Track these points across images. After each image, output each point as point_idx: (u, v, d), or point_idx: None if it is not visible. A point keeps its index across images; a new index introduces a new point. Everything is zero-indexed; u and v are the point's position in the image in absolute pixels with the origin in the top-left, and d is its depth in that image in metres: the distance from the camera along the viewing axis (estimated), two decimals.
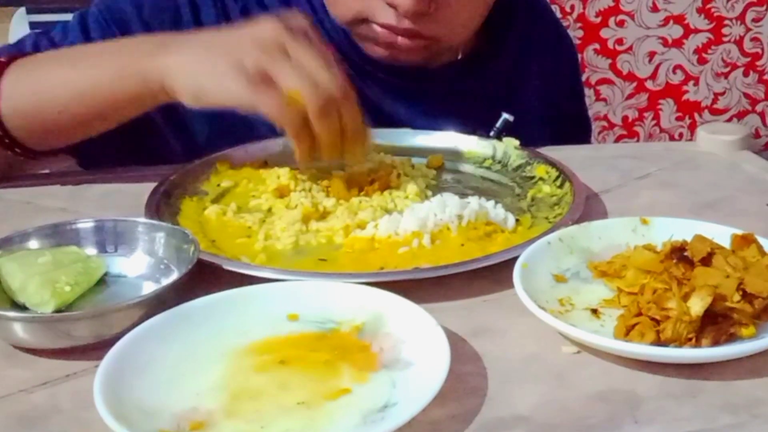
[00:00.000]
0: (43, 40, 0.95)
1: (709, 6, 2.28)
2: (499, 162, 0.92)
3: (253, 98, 0.74)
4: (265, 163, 0.89)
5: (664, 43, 2.30)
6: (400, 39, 0.91)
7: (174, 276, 0.67)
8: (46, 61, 0.86)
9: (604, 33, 2.26)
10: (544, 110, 1.11)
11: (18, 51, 0.93)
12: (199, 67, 0.77)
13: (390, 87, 1.00)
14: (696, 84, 2.36)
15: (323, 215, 0.79)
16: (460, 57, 1.04)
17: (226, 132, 0.90)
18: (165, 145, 0.97)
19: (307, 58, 0.75)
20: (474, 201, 0.78)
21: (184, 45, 0.79)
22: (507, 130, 0.95)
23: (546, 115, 1.11)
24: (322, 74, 0.75)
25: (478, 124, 0.96)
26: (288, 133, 0.77)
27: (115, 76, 0.81)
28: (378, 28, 0.91)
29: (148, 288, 0.68)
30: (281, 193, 0.83)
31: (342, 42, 0.98)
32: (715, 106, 2.39)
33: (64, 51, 0.90)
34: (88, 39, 0.94)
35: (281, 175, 0.85)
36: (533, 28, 1.11)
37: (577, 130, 1.20)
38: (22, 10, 2.02)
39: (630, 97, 2.34)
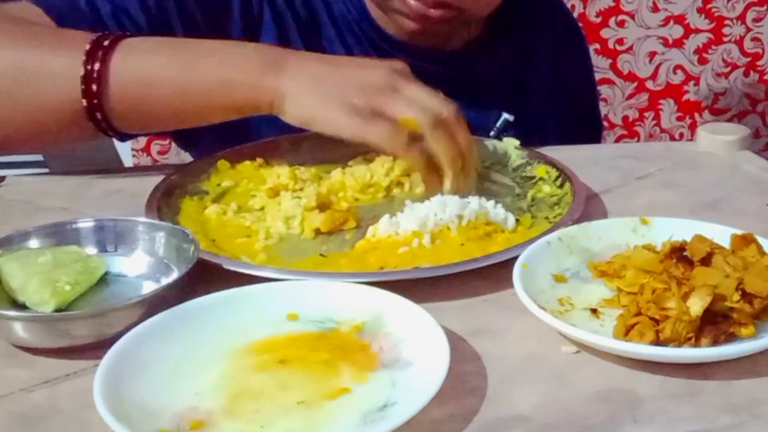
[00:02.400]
0: None
1: (709, 6, 2.27)
2: (499, 162, 0.92)
3: (363, 130, 0.79)
4: (266, 163, 0.89)
5: (665, 43, 2.30)
6: (432, 11, 0.92)
7: (174, 275, 0.67)
8: (154, 53, 0.85)
9: (604, 33, 2.25)
10: (553, 101, 1.11)
11: (72, 3, 0.91)
12: (312, 101, 0.81)
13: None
14: (696, 84, 2.36)
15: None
16: (471, 39, 1.05)
17: (227, 132, 0.90)
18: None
19: (418, 92, 0.80)
20: (474, 201, 0.78)
21: (297, 73, 0.82)
22: (507, 130, 0.95)
23: (555, 106, 1.11)
24: (434, 102, 0.79)
25: (491, 109, 0.97)
26: (398, 154, 0.81)
27: (223, 85, 0.83)
28: (411, 2, 0.92)
29: (149, 287, 0.68)
30: (275, 192, 0.83)
31: (362, 21, 0.99)
32: (715, 106, 2.39)
33: (169, 44, 0.88)
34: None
35: (281, 174, 0.85)
36: (538, 17, 1.11)
37: (587, 126, 1.20)
38: None
39: (630, 97, 2.34)
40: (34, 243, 0.71)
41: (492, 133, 0.95)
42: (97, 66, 0.82)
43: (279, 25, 0.99)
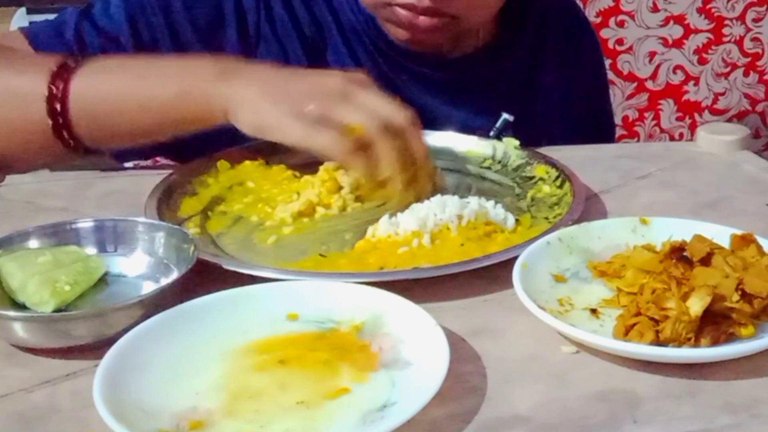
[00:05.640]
0: (85, 23, 0.95)
1: (709, 6, 2.27)
2: (499, 162, 0.92)
3: (307, 136, 0.77)
4: (266, 163, 0.89)
5: (665, 43, 2.30)
6: (420, 18, 0.92)
7: (174, 275, 0.67)
8: (114, 69, 0.88)
9: (604, 33, 2.25)
10: (563, 101, 1.11)
11: (59, 34, 0.94)
12: (263, 106, 0.80)
13: (415, 75, 1.01)
14: (696, 84, 2.35)
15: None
16: (480, 45, 1.05)
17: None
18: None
19: (370, 99, 0.79)
20: (474, 201, 0.78)
21: (249, 78, 0.83)
22: (507, 130, 0.96)
23: (566, 106, 1.11)
24: (385, 108, 0.78)
25: (497, 111, 0.97)
26: (341, 161, 0.79)
27: (179, 95, 0.84)
28: (400, 11, 0.92)
29: (148, 288, 0.68)
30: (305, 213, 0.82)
31: (370, 30, 0.99)
32: (715, 106, 2.39)
33: (132, 61, 0.91)
34: (132, 24, 0.95)
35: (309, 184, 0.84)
36: (549, 15, 1.11)
37: (599, 127, 1.19)
38: (23, 10, 2.02)
39: (630, 97, 2.34)
40: (34, 243, 0.71)
41: (492, 133, 0.95)
42: (60, 85, 0.84)
43: (280, 42, 0.99)
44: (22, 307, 0.65)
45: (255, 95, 0.81)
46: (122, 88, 0.86)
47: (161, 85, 0.85)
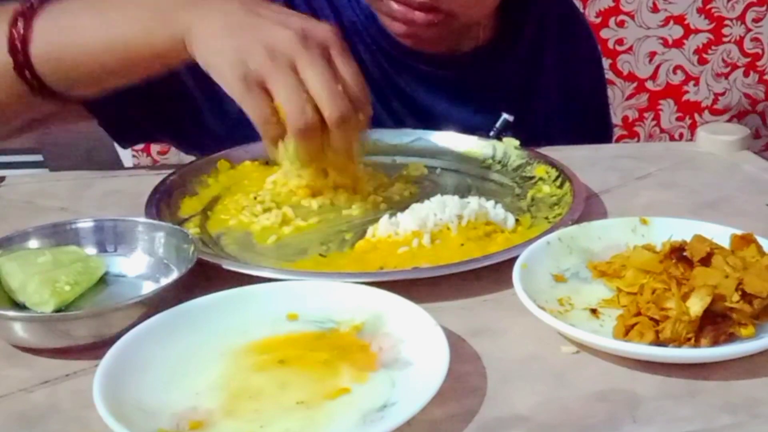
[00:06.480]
0: None
1: (709, 6, 2.28)
2: (499, 162, 0.92)
3: (242, 97, 0.75)
4: (266, 163, 0.89)
5: (665, 43, 2.30)
6: (416, 14, 0.92)
7: (174, 275, 0.67)
8: (77, 8, 0.86)
9: (604, 33, 2.25)
10: (563, 101, 1.11)
11: None
12: (215, 46, 0.77)
13: (416, 73, 1.01)
14: (696, 84, 2.36)
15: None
16: (481, 44, 1.05)
17: (230, 137, 0.90)
18: (199, 118, 0.98)
19: (312, 77, 0.74)
20: (474, 201, 0.78)
21: (210, 10, 0.79)
22: (507, 130, 0.96)
23: (564, 107, 1.11)
24: (320, 96, 0.74)
25: (498, 110, 0.97)
26: (264, 142, 0.78)
27: (143, 26, 0.81)
28: (395, 5, 0.92)
29: (148, 288, 0.68)
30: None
31: (371, 28, 0.99)
32: (715, 106, 2.39)
33: (96, 1, 0.89)
34: None
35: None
36: (549, 16, 1.11)
37: (596, 128, 1.20)
38: None
39: (630, 97, 2.34)
40: (33, 243, 0.71)
41: (492, 133, 0.96)
42: (21, 24, 0.82)
43: None
44: (22, 307, 0.65)
45: (210, 28, 0.78)
46: (86, 26, 0.84)
47: (124, 20, 0.83)
